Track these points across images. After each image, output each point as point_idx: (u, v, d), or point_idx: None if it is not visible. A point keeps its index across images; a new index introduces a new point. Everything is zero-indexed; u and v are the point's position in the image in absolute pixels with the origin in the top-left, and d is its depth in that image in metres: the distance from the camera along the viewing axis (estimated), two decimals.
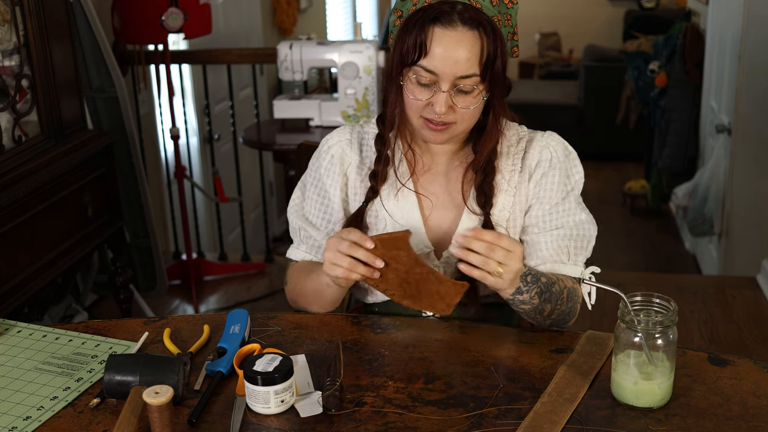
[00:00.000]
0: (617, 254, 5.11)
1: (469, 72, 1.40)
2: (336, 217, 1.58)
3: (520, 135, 1.56)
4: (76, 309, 3.00)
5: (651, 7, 8.22)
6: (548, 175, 1.52)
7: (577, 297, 1.50)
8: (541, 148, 1.53)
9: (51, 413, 1.25)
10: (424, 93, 1.42)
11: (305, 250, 1.61)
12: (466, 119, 1.45)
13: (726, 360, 1.35)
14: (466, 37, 1.39)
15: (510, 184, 1.52)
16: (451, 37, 1.39)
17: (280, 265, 4.03)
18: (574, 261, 1.52)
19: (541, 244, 1.51)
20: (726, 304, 3.59)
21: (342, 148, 1.58)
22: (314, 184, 1.60)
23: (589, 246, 1.54)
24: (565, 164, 1.53)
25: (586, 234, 1.53)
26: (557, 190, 1.52)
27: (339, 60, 3.27)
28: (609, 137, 6.87)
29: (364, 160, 1.58)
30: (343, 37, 7.05)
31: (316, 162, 1.61)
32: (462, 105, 1.42)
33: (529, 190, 1.53)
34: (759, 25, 3.84)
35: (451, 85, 1.41)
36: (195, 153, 4.40)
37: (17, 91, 2.37)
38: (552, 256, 1.51)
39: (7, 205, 2.18)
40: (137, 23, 3.37)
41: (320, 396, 1.25)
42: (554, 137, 1.56)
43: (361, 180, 1.57)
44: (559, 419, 1.20)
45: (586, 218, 1.53)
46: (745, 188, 4.04)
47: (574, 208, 1.53)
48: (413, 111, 1.45)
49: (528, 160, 1.53)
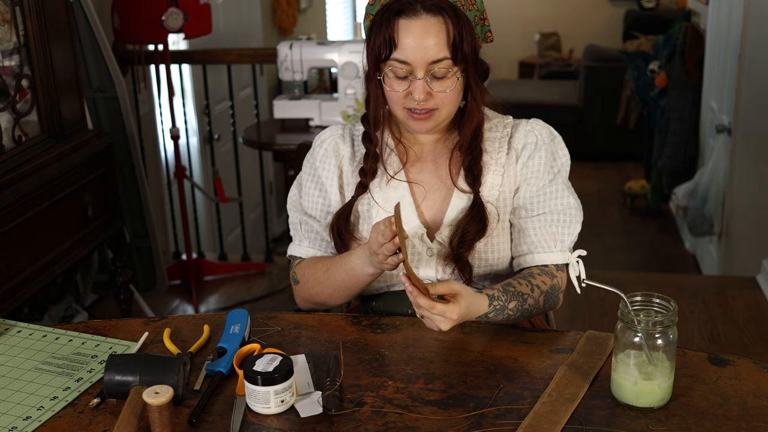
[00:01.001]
0: (617, 254, 5.11)
1: (439, 56, 1.45)
2: (334, 206, 1.61)
3: (506, 122, 1.61)
4: (76, 309, 3.00)
5: (651, 7, 8.22)
6: (534, 157, 1.56)
7: (558, 289, 1.54)
8: (526, 132, 1.58)
9: (51, 413, 1.25)
10: (402, 84, 1.48)
11: (308, 245, 1.62)
12: (447, 103, 1.49)
13: (726, 360, 1.35)
14: (430, 23, 1.44)
15: (498, 164, 1.56)
16: (416, 26, 1.44)
17: (280, 265, 4.03)
18: (561, 247, 1.54)
19: (530, 230, 1.54)
20: (726, 304, 3.59)
21: (335, 141, 1.63)
22: (310, 179, 1.64)
23: (575, 231, 1.56)
24: (551, 146, 1.58)
25: (573, 218, 1.55)
26: (544, 171, 1.55)
27: (339, 60, 3.27)
28: (609, 137, 6.87)
29: (355, 154, 1.62)
30: (343, 37, 7.05)
31: (311, 157, 1.65)
32: (439, 89, 1.47)
33: (517, 171, 1.57)
34: (759, 25, 3.84)
35: (426, 72, 1.45)
36: (195, 153, 4.40)
37: (17, 91, 2.37)
38: (540, 243, 1.53)
39: (7, 205, 2.18)
40: (137, 23, 3.37)
41: (320, 396, 1.25)
42: (539, 122, 1.61)
43: (352, 171, 1.61)
44: (559, 419, 1.20)
45: (573, 202, 1.56)
46: (745, 188, 4.03)
47: (561, 190, 1.56)
48: (396, 104, 1.50)
49: (514, 143, 1.58)
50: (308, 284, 1.59)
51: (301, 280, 1.60)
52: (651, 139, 5.70)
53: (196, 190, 4.10)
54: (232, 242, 4.65)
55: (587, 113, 7.03)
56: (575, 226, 1.55)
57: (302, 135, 3.27)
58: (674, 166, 5.18)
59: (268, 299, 3.70)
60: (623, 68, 6.29)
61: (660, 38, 5.65)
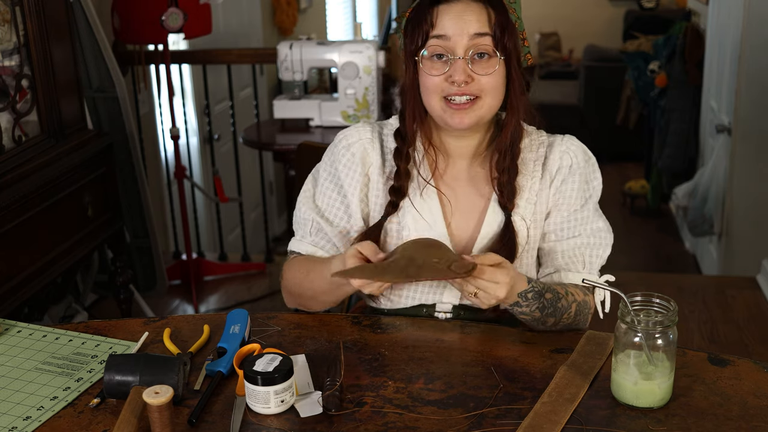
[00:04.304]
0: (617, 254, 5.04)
1: (481, 30, 1.38)
2: (354, 218, 1.53)
3: (540, 140, 1.54)
4: (76, 309, 3.00)
5: (651, 7, 8.23)
6: (568, 182, 1.50)
7: (588, 309, 1.49)
8: (561, 153, 1.51)
9: (51, 413, 1.25)
10: (441, 67, 1.39)
11: (311, 242, 1.55)
12: (489, 91, 1.40)
13: (726, 360, 1.35)
14: (470, 7, 1.39)
15: (532, 190, 1.50)
16: (456, 6, 1.39)
17: (280, 265, 4.01)
18: (589, 270, 1.51)
19: (557, 253, 1.50)
20: (726, 304, 3.59)
21: (363, 146, 1.52)
22: (330, 179, 1.54)
23: (604, 254, 1.53)
24: (585, 170, 1.52)
25: (602, 242, 1.52)
26: (576, 197, 1.51)
27: (339, 60, 3.27)
28: (609, 137, 6.87)
29: (386, 162, 1.52)
30: (343, 37, 7.05)
31: (332, 156, 1.54)
32: (481, 71, 1.39)
33: (549, 195, 1.51)
34: (759, 25, 3.84)
35: (466, 50, 1.38)
36: (195, 153, 4.40)
37: (17, 91, 2.37)
38: (567, 265, 1.50)
39: (7, 205, 2.18)
40: (137, 23, 3.37)
41: (320, 396, 1.25)
42: (574, 142, 1.54)
43: (384, 182, 1.52)
44: (559, 419, 1.19)
45: (603, 226, 1.52)
46: (745, 188, 4.04)
47: (592, 215, 1.52)
48: (433, 93, 1.41)
49: (549, 165, 1.51)
50: (290, 284, 1.55)
51: (286, 277, 1.56)
52: (651, 139, 5.71)
53: (196, 190, 4.10)
54: (232, 242, 4.65)
55: (587, 113, 7.03)
56: (605, 249, 1.52)
57: (302, 135, 3.27)
58: (674, 166, 5.18)
59: (268, 299, 3.70)
60: (623, 68, 6.29)
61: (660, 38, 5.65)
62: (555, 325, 1.44)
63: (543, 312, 1.40)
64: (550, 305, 1.40)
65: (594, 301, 1.50)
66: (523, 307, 1.38)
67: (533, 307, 1.39)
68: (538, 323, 1.43)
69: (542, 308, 1.40)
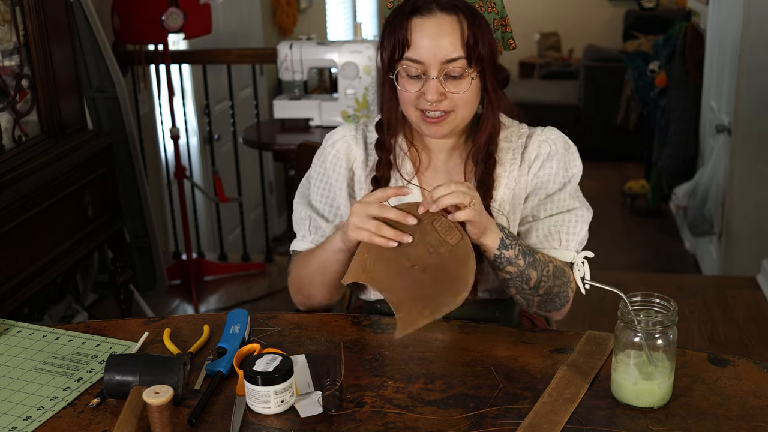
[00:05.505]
0: (617, 254, 5.11)
1: (453, 55, 1.41)
2: (342, 211, 1.58)
3: (521, 132, 1.56)
4: (76, 309, 3.00)
5: (651, 7, 8.22)
6: (545, 167, 1.53)
7: (566, 278, 1.48)
8: (540, 142, 1.54)
9: (51, 413, 1.25)
10: (415, 84, 1.44)
11: (311, 241, 1.58)
12: (461, 105, 1.45)
13: (726, 360, 1.35)
14: (445, 21, 1.41)
15: (510, 177, 1.53)
16: (430, 24, 1.41)
17: (280, 265, 4.03)
18: (566, 247, 1.51)
19: (532, 232, 1.52)
20: (726, 304, 3.59)
21: (347, 143, 1.58)
22: (319, 178, 1.60)
23: (581, 231, 1.52)
24: (564, 157, 1.54)
25: (580, 218, 1.52)
26: (554, 182, 1.53)
27: (339, 60, 3.27)
28: (609, 137, 6.87)
29: (368, 157, 1.58)
30: (343, 37, 7.05)
31: (321, 156, 1.61)
32: (453, 90, 1.43)
33: (528, 181, 1.53)
34: (759, 25, 3.84)
35: (439, 71, 1.42)
36: (195, 153, 4.40)
37: (17, 91, 2.37)
38: (542, 243, 1.50)
39: (7, 205, 2.19)
40: (137, 23, 3.37)
41: (320, 396, 1.25)
42: (554, 131, 1.56)
43: (366, 176, 1.57)
44: (559, 419, 1.20)
45: (579, 205, 1.53)
46: (745, 188, 4.04)
47: (568, 198, 1.53)
48: (408, 105, 1.47)
49: (527, 153, 1.54)
50: (297, 276, 1.57)
51: (292, 272, 1.59)
52: (651, 139, 5.70)
53: (196, 190, 4.10)
54: (232, 242, 4.65)
55: (587, 113, 7.03)
56: (581, 226, 1.52)
57: (302, 135, 3.27)
58: (674, 166, 5.18)
59: (268, 299, 3.70)
60: (623, 68, 6.29)
61: (660, 38, 5.65)
62: (537, 286, 1.43)
63: (526, 259, 1.40)
64: (529, 253, 1.41)
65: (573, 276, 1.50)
66: (509, 249, 1.38)
67: (516, 250, 1.39)
68: (523, 281, 1.42)
69: (524, 254, 1.40)
